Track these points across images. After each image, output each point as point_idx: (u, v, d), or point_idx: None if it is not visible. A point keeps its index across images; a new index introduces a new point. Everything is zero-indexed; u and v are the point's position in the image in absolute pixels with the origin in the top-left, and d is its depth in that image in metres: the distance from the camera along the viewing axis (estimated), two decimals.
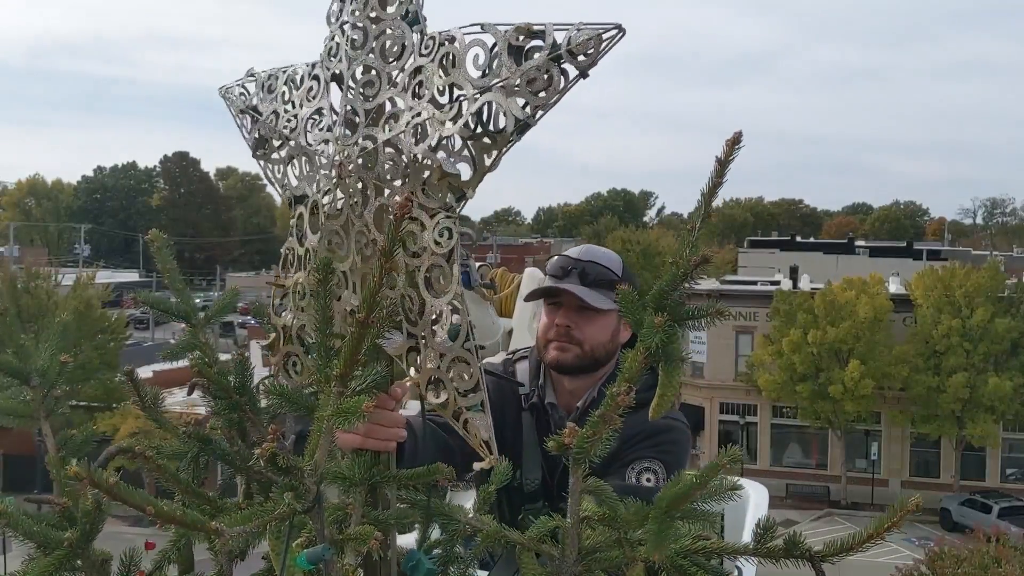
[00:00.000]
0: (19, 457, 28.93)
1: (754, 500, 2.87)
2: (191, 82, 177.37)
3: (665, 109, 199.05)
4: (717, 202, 1.67)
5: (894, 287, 36.05)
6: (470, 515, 1.77)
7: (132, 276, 67.14)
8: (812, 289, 35.61)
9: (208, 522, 1.39)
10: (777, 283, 38.65)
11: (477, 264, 3.16)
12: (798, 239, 64.11)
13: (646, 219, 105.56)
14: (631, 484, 2.27)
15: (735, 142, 1.66)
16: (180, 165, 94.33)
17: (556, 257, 2.48)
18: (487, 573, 2.29)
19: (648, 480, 2.31)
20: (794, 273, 40.00)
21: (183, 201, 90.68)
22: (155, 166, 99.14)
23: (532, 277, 3.94)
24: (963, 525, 27.56)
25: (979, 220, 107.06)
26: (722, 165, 1.66)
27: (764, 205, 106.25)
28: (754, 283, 39.88)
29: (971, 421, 31.80)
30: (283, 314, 1.92)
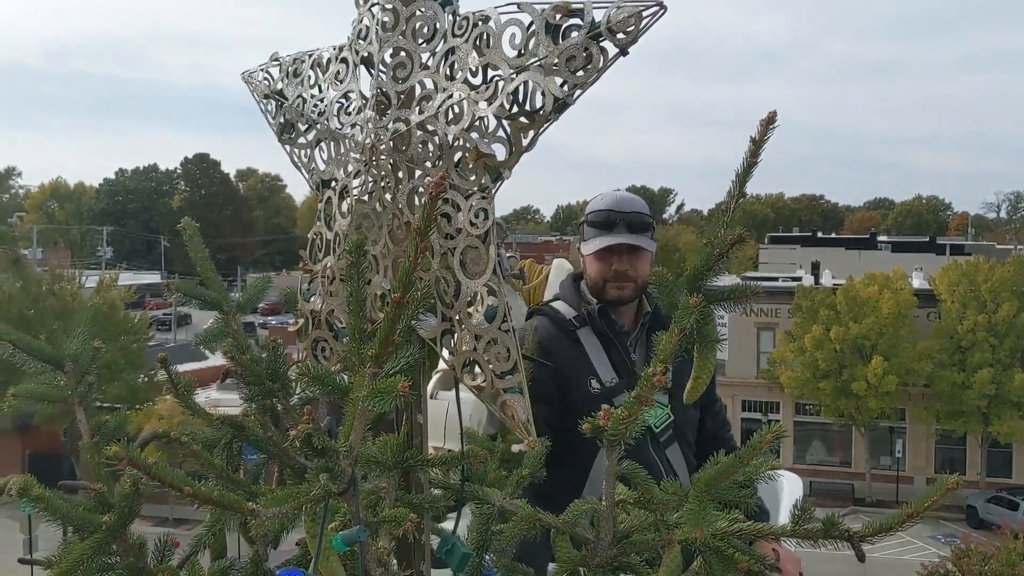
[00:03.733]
0: (45, 455, 29.22)
1: (788, 489, 2.84)
2: (209, 83, 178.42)
3: (683, 105, 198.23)
4: None
5: (917, 282, 35.75)
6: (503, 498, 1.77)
7: (154, 277, 67.61)
8: (834, 285, 35.38)
9: (244, 503, 1.39)
10: (799, 279, 38.47)
11: (507, 255, 3.18)
12: (819, 235, 63.75)
13: (665, 216, 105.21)
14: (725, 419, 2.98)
15: (769, 122, 1.64)
16: (201, 167, 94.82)
17: (596, 211, 2.82)
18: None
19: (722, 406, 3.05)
20: (816, 269, 39.77)
21: (204, 203, 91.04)
22: (176, 168, 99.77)
23: (560, 268, 3.93)
24: (990, 522, 27.29)
25: (1003, 214, 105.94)
26: (757, 145, 1.65)
27: (785, 201, 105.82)
28: (775, 279, 39.69)
29: (997, 417, 31.47)
30: (312, 299, 1.92)
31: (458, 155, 1.58)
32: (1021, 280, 32.67)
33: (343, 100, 1.80)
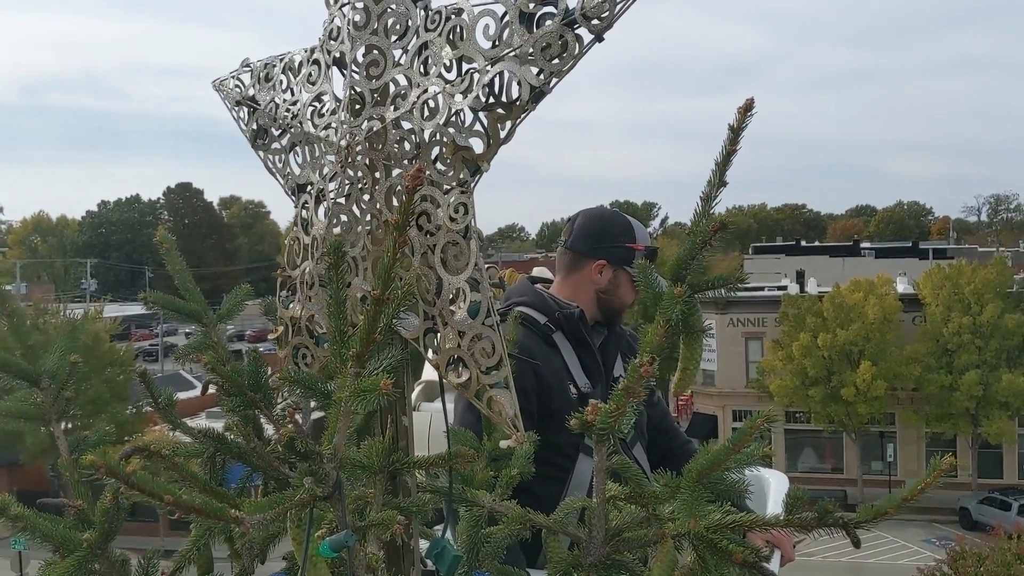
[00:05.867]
0: (34, 494, 28.84)
1: (774, 487, 2.80)
2: (189, 111, 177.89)
3: (661, 119, 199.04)
4: (720, 209, 1.65)
5: (902, 287, 35.95)
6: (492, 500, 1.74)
7: (139, 309, 67.28)
8: (820, 292, 35.55)
9: (228, 510, 1.36)
10: (784, 288, 38.62)
11: (486, 265, 3.17)
12: (803, 243, 64.13)
13: (650, 229, 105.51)
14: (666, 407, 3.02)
15: (747, 108, 1.64)
16: (183, 196, 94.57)
17: (648, 246, 2.83)
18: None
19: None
20: (801, 277, 39.97)
21: (187, 232, 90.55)
22: (159, 198, 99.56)
23: (541, 274, 3.93)
24: (983, 524, 27.34)
25: (983, 217, 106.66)
26: (735, 132, 1.64)
27: (767, 211, 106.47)
28: (761, 289, 39.83)
29: (986, 418, 31.63)
30: (291, 306, 1.89)
31: (435, 150, 1.56)
32: (1004, 281, 32.95)
33: (316, 102, 1.78)
